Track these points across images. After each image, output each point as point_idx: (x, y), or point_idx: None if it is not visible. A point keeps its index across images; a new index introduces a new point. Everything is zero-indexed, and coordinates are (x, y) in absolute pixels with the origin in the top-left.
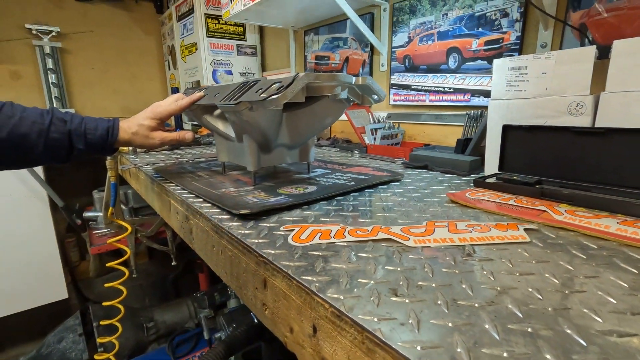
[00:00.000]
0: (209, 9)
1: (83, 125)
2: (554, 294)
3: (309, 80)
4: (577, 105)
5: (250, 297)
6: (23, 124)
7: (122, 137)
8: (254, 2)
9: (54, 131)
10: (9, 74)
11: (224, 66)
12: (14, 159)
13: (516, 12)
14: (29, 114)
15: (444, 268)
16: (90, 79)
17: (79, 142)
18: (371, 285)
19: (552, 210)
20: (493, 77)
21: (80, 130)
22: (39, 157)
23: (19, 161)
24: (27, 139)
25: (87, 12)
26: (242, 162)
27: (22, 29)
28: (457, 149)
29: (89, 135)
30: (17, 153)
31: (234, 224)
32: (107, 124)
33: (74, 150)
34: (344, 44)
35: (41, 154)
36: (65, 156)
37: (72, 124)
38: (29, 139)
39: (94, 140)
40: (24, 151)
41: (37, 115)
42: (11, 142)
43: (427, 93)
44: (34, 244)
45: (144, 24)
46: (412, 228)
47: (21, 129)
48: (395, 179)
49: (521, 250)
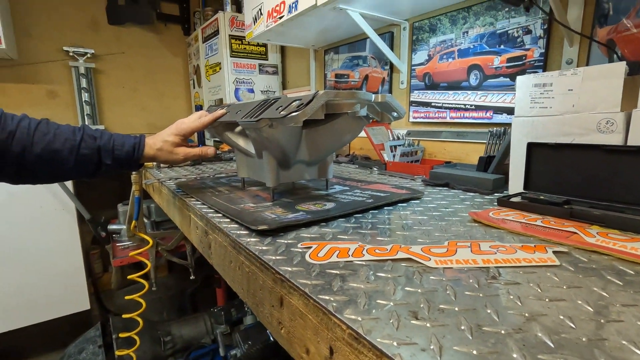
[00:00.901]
0: (233, 30)
1: (111, 142)
2: (588, 323)
3: (329, 98)
4: (607, 122)
5: (266, 315)
6: (56, 141)
7: (147, 153)
8: (276, 23)
9: (84, 147)
10: (46, 93)
11: (246, 84)
12: (47, 173)
13: (539, 29)
14: (62, 131)
15: (467, 291)
16: (120, 97)
17: (107, 157)
18: (390, 306)
19: (583, 232)
20: (516, 94)
21: (109, 146)
22: (69, 172)
23: (51, 176)
24: (60, 155)
25: (120, 35)
26: (262, 178)
27: (60, 52)
28: (480, 166)
29: (116, 151)
30: (49, 168)
31: (252, 240)
32: (134, 140)
33: (102, 165)
34: (364, 62)
35: (72, 169)
36: (93, 171)
37: (102, 140)
38: (61, 155)
39: (121, 156)
40: (56, 166)
41: (69, 132)
42: (45, 157)
43: (448, 110)
44: (61, 255)
45: (171, 45)
46: (433, 248)
47: (54, 145)
48: (415, 197)
49: (550, 274)
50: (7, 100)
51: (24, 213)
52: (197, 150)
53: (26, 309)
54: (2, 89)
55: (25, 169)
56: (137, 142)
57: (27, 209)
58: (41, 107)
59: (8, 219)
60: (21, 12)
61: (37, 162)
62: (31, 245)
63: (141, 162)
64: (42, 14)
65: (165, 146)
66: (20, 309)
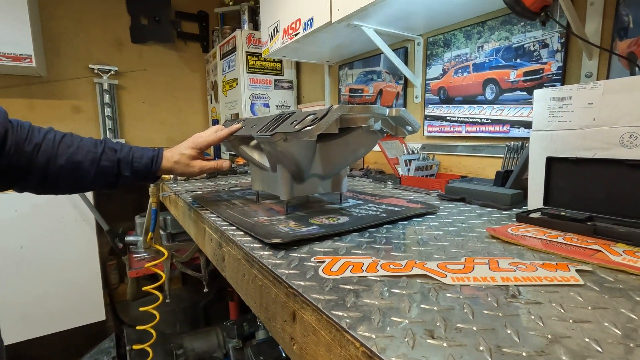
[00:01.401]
0: (250, 47)
1: (131, 154)
2: (616, 347)
3: (343, 112)
4: (630, 136)
5: (278, 330)
6: (79, 153)
7: (164, 165)
8: (292, 40)
9: (104, 159)
10: (71, 108)
11: (261, 99)
12: (69, 184)
13: (556, 42)
14: (84, 143)
15: (485, 310)
16: (140, 112)
17: (126, 169)
18: (405, 324)
19: (608, 250)
20: (534, 107)
21: (128, 158)
22: (90, 183)
23: (72, 186)
24: (82, 166)
25: (142, 52)
26: (276, 192)
27: (86, 69)
28: (497, 181)
29: (135, 164)
30: (71, 179)
31: (265, 253)
32: (152, 153)
33: (121, 177)
34: (378, 77)
35: (92, 180)
36: (113, 183)
37: (121, 153)
38: (83, 166)
39: (139, 168)
40: (78, 177)
41: (91, 145)
42: (67, 168)
43: (463, 124)
44: (79, 265)
45: (191, 62)
46: (449, 264)
47: (77, 157)
48: (430, 212)
49: (574, 293)
50: (35, 115)
51: (46, 223)
52: (212, 164)
53: (45, 318)
54: (31, 105)
55: (48, 179)
56: (155, 154)
57: (49, 220)
58: (66, 122)
59: (31, 229)
60: (53, 33)
61: (60, 173)
62: (52, 255)
63: (158, 175)
64: (71, 34)
65: (182, 159)
66: (40, 318)
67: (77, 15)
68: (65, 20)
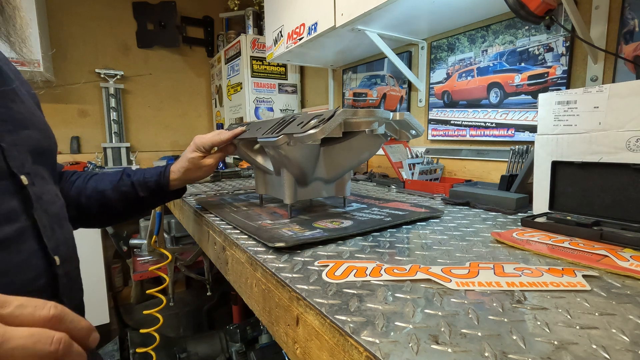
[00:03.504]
0: (254, 51)
1: (142, 175)
2: (624, 354)
3: (347, 116)
4: (637, 140)
5: (281, 334)
6: (102, 182)
7: (174, 177)
8: (296, 44)
9: (122, 185)
10: (77, 112)
11: (265, 103)
12: (100, 214)
13: (561, 46)
14: (107, 174)
15: (490, 315)
16: (146, 116)
17: (142, 190)
18: (409, 329)
19: (615, 255)
20: (539, 111)
21: (141, 179)
22: (119, 210)
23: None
24: (105, 195)
25: (148, 57)
26: (279, 195)
27: (93, 73)
28: (502, 185)
29: (148, 183)
30: (100, 207)
31: (269, 257)
32: (160, 169)
33: (141, 199)
34: (382, 81)
35: (119, 206)
36: (138, 206)
37: (135, 176)
38: (106, 195)
39: (151, 186)
40: (105, 205)
41: (112, 175)
42: (93, 197)
43: (468, 128)
44: (84, 268)
45: (196, 66)
46: (454, 269)
47: (100, 186)
48: (434, 216)
49: (580, 299)
50: None
51: None
52: (219, 154)
53: None
54: None
55: (81, 212)
56: (162, 169)
57: None
58: (73, 126)
59: None
60: (60, 38)
61: (88, 204)
62: None
63: (173, 189)
64: (78, 40)
65: (189, 165)
66: None
67: (84, 21)
68: (72, 25)
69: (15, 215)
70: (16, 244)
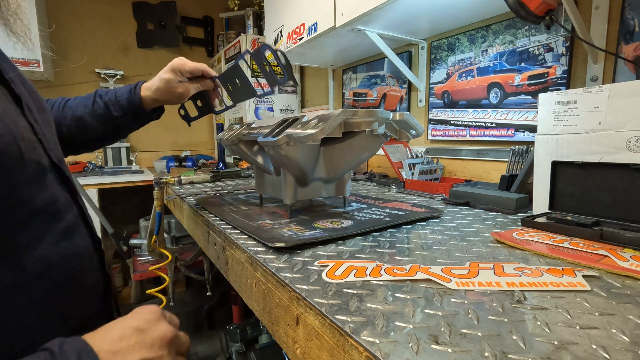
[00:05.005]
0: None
1: (114, 94)
2: (624, 354)
3: (347, 116)
4: (637, 140)
5: (281, 334)
6: (78, 109)
7: (145, 94)
8: (296, 44)
9: (97, 108)
10: None
11: (265, 103)
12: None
13: (561, 46)
14: (81, 100)
15: (490, 315)
16: None
17: (115, 110)
18: (409, 329)
19: (615, 255)
20: (539, 111)
21: (112, 98)
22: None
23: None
24: (84, 120)
25: (148, 57)
26: (279, 195)
27: (93, 73)
28: (502, 185)
29: (119, 102)
30: (82, 135)
31: (269, 257)
32: (130, 86)
33: (116, 119)
34: (382, 81)
35: (98, 130)
36: (115, 128)
37: (107, 95)
38: (85, 120)
39: (123, 104)
40: (85, 131)
41: (85, 99)
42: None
43: (468, 128)
44: None
45: None
46: (454, 269)
47: (77, 113)
48: (434, 216)
49: (580, 299)
50: None
51: None
52: (196, 83)
53: None
54: None
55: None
56: (133, 87)
57: None
58: None
59: None
60: (61, 39)
61: (70, 132)
62: None
63: (147, 108)
64: (78, 40)
65: (161, 85)
66: None
67: (84, 20)
68: (72, 25)
69: (69, 203)
70: (76, 228)
